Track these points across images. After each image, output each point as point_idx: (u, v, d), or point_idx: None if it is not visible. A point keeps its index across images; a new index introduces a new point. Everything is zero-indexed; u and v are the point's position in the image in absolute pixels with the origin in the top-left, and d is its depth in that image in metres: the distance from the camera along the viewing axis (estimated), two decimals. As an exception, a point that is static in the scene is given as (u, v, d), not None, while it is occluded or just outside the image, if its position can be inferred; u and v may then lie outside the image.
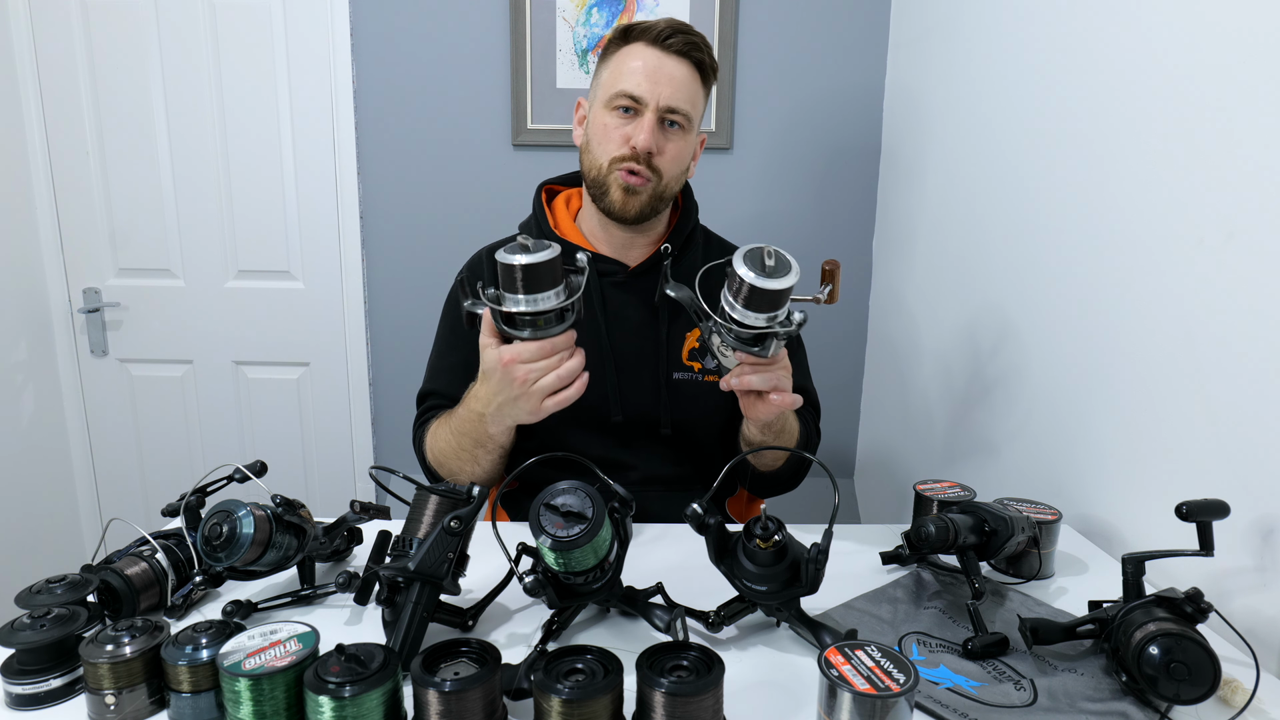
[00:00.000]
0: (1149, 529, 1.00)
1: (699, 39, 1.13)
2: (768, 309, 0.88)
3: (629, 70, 1.11)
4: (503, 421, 1.02)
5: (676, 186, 1.18)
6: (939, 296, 1.73)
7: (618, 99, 1.11)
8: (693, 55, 1.12)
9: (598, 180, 1.15)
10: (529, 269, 0.86)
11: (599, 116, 1.14)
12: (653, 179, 1.13)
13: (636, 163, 1.11)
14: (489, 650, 0.65)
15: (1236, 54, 0.88)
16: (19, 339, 2.10)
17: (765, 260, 0.87)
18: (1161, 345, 0.98)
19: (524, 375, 0.93)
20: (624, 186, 1.12)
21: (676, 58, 1.11)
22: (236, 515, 0.80)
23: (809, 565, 0.76)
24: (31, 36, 2.04)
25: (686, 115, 1.13)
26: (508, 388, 0.95)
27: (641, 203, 1.13)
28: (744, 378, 0.95)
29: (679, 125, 1.13)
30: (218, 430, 2.29)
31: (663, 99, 1.10)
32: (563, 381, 0.95)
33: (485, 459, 1.09)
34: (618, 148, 1.12)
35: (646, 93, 1.10)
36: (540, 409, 0.96)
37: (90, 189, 2.13)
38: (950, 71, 1.68)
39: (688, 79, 1.12)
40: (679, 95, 1.11)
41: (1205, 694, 0.67)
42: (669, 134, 1.13)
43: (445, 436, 1.11)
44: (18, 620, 0.71)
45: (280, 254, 2.18)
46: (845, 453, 2.32)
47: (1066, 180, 1.21)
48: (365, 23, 2.06)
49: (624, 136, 1.11)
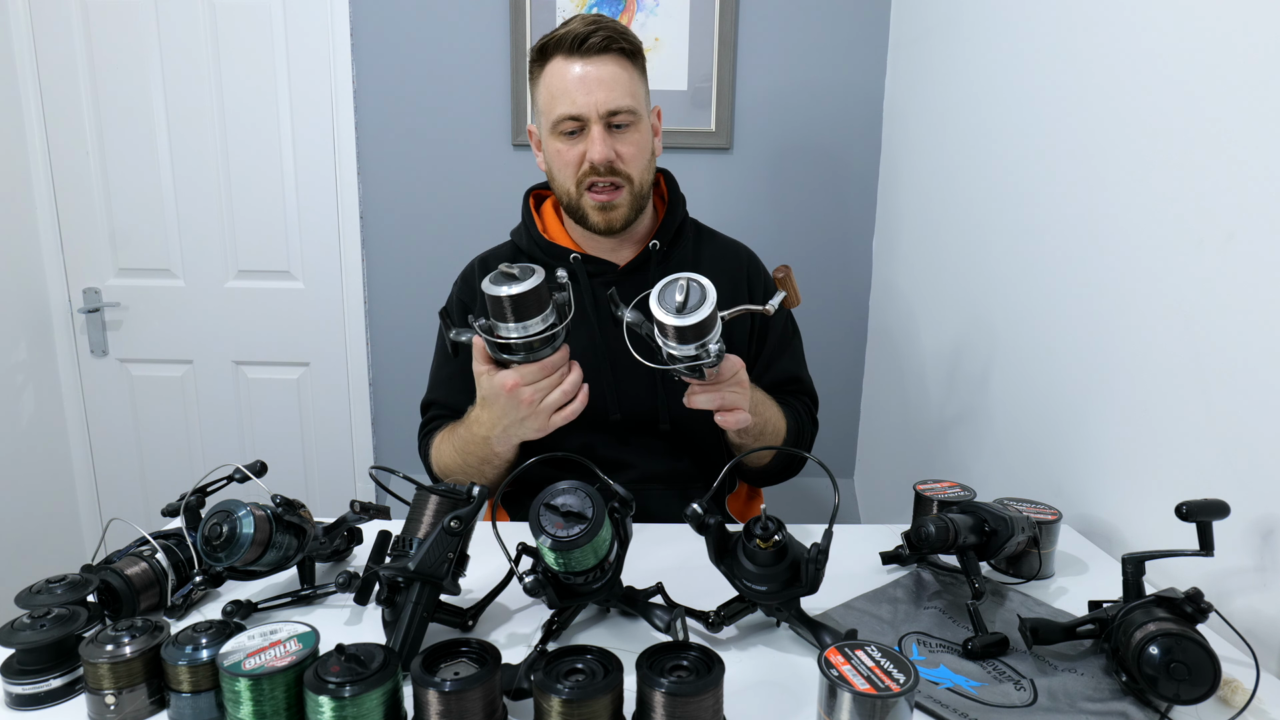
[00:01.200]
0: (1149, 529, 1.00)
1: (612, 27, 1.10)
2: (694, 339, 0.89)
3: (559, 91, 1.10)
4: (509, 441, 1.03)
5: (649, 178, 1.18)
6: (939, 296, 1.73)
7: (560, 124, 1.11)
8: (613, 48, 1.10)
9: (571, 206, 1.16)
10: (517, 299, 0.87)
11: (550, 144, 1.14)
12: (624, 184, 1.13)
13: (599, 175, 1.11)
14: (489, 650, 0.65)
15: (1236, 54, 0.88)
16: (19, 339, 2.10)
17: (677, 296, 0.88)
18: (1161, 345, 0.98)
19: (530, 396, 0.95)
20: (598, 206, 1.13)
21: (599, 58, 1.09)
22: (236, 515, 0.80)
23: (809, 565, 0.76)
24: (31, 36, 2.04)
25: (630, 110, 1.11)
26: (514, 410, 0.96)
27: (623, 214, 1.14)
28: (694, 399, 0.99)
29: (627, 124, 1.12)
30: (218, 430, 2.29)
31: (601, 106, 1.08)
32: (567, 396, 0.97)
33: (492, 473, 1.10)
34: (575, 169, 1.12)
35: (584, 107, 1.08)
36: (548, 425, 0.98)
37: (90, 189, 2.13)
38: (950, 71, 1.68)
39: (618, 74, 1.10)
40: (616, 95, 1.09)
41: (1205, 694, 0.67)
42: (620, 135, 1.11)
43: (450, 454, 1.12)
44: (18, 620, 0.71)
45: (280, 254, 2.18)
46: (845, 453, 2.32)
47: (1066, 180, 1.21)
48: (365, 23, 2.06)
49: (579, 156, 1.11)
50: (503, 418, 0.99)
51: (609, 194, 1.12)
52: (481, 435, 1.04)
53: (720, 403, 0.98)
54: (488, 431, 1.02)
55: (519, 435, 1.01)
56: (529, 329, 0.90)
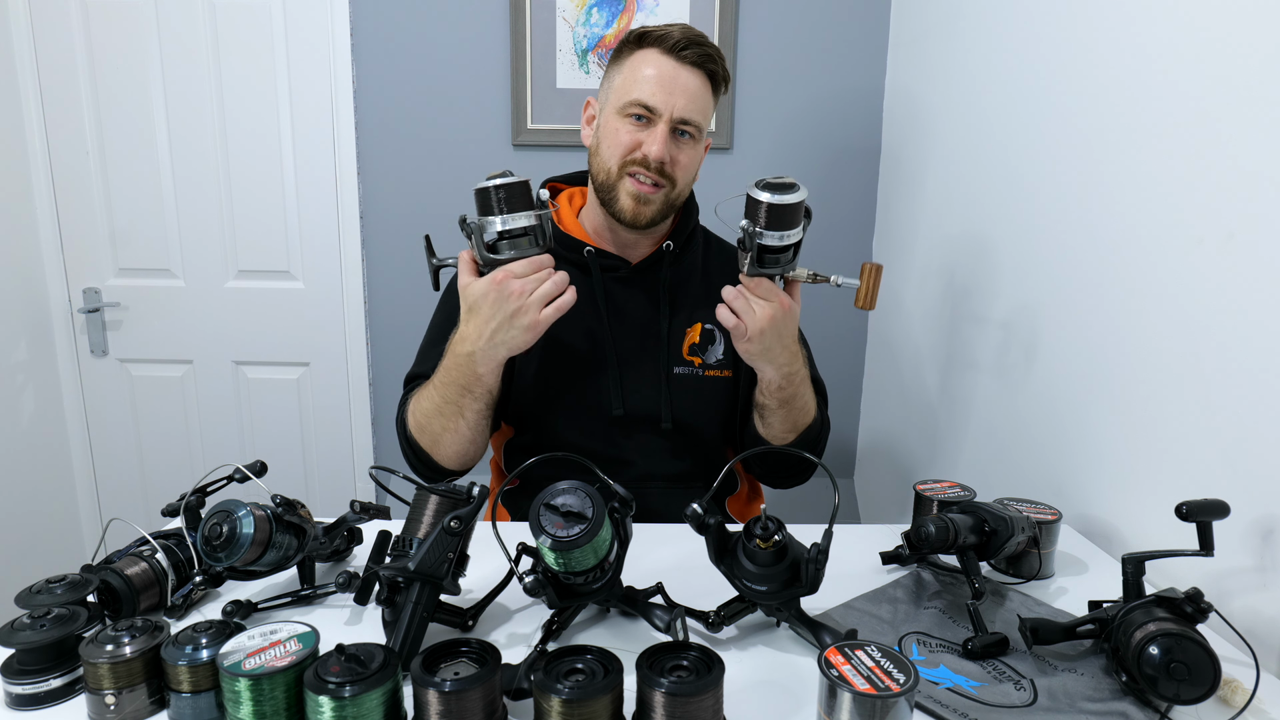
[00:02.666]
0: (1149, 529, 1.00)
1: (713, 50, 1.14)
2: (784, 225, 0.98)
3: (643, 78, 1.11)
4: (495, 353, 1.01)
5: (686, 193, 1.20)
6: (939, 296, 1.73)
7: (631, 107, 1.11)
8: (706, 66, 1.13)
9: (607, 184, 1.15)
10: (507, 188, 0.96)
11: (610, 121, 1.14)
12: (665, 187, 1.14)
13: (647, 170, 1.12)
14: (489, 650, 0.65)
15: (1236, 54, 0.88)
16: (19, 339, 2.10)
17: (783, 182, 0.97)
18: (1161, 345, 0.98)
19: (520, 288, 0.97)
20: (635, 195, 1.13)
21: (691, 68, 1.12)
22: (236, 515, 0.80)
23: (809, 565, 0.76)
24: (31, 36, 2.04)
25: (698, 126, 1.13)
26: (503, 305, 0.98)
27: (653, 211, 1.15)
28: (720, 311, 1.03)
29: (690, 135, 1.14)
30: (218, 430, 2.29)
31: (677, 110, 1.10)
32: (558, 288, 1.00)
33: (471, 408, 1.07)
34: (628, 153, 1.12)
35: (661, 103, 1.10)
36: (539, 321, 0.99)
37: (90, 189, 2.13)
38: (950, 71, 1.68)
39: (700, 90, 1.13)
40: (692, 107, 1.11)
41: (1205, 694, 0.67)
42: (681, 144, 1.14)
43: (429, 396, 1.10)
44: (18, 620, 0.71)
45: (280, 254, 2.18)
46: (845, 452, 2.32)
47: (1066, 180, 1.21)
48: (365, 23, 2.06)
49: (635, 143, 1.12)
50: (491, 319, 0.98)
51: (650, 189, 1.13)
52: (465, 352, 1.02)
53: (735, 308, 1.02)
54: (472, 345, 1.01)
55: (507, 340, 1.00)
56: (518, 220, 0.96)
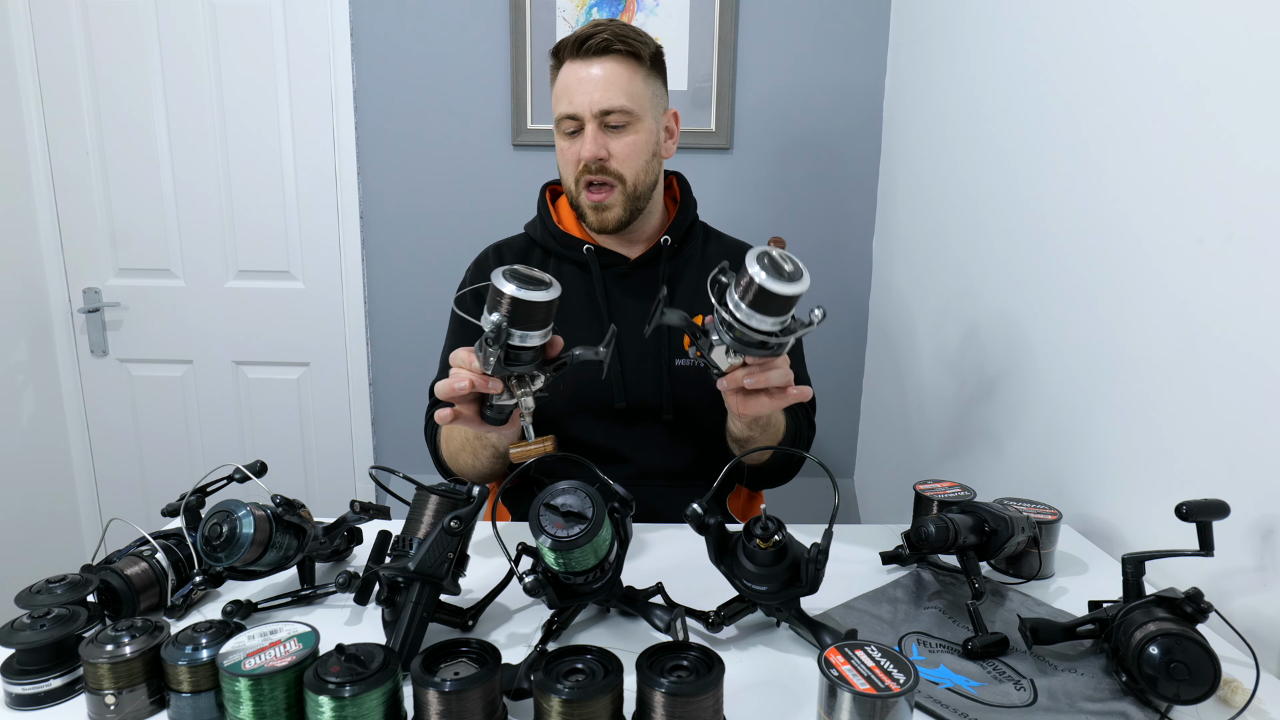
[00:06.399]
0: (1149, 529, 1.00)
1: (618, 30, 1.12)
2: (781, 312, 0.82)
3: (560, 91, 1.14)
4: (485, 440, 1.08)
5: (649, 179, 1.18)
6: (939, 296, 1.73)
7: (562, 123, 1.14)
8: (614, 49, 1.12)
9: (573, 204, 1.19)
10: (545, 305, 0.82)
11: (558, 143, 1.18)
12: (616, 184, 1.14)
13: (591, 173, 1.13)
14: (489, 650, 0.65)
15: (1236, 54, 0.88)
16: (19, 339, 2.10)
17: (786, 266, 0.80)
18: (1161, 345, 0.98)
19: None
20: (592, 205, 1.15)
21: (598, 59, 1.12)
22: (236, 515, 0.80)
23: (809, 565, 0.76)
24: (31, 36, 2.04)
25: (625, 110, 1.12)
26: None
27: (617, 213, 1.16)
28: (766, 374, 0.86)
29: (621, 124, 1.13)
30: (218, 430, 2.29)
31: (595, 105, 1.11)
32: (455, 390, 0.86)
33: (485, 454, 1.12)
34: (574, 168, 1.14)
35: (580, 106, 1.12)
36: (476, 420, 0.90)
37: (90, 189, 2.13)
38: (950, 71, 1.68)
39: (616, 73, 1.12)
40: (609, 94, 1.11)
41: (1205, 694, 0.67)
42: (613, 134, 1.13)
43: (455, 433, 1.14)
44: (18, 620, 0.71)
45: (280, 254, 2.18)
46: (845, 452, 2.32)
47: (1066, 180, 1.21)
48: (365, 23, 2.06)
49: (575, 156, 1.14)
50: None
51: (601, 193, 1.14)
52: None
53: (769, 381, 0.86)
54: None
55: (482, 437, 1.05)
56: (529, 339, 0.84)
